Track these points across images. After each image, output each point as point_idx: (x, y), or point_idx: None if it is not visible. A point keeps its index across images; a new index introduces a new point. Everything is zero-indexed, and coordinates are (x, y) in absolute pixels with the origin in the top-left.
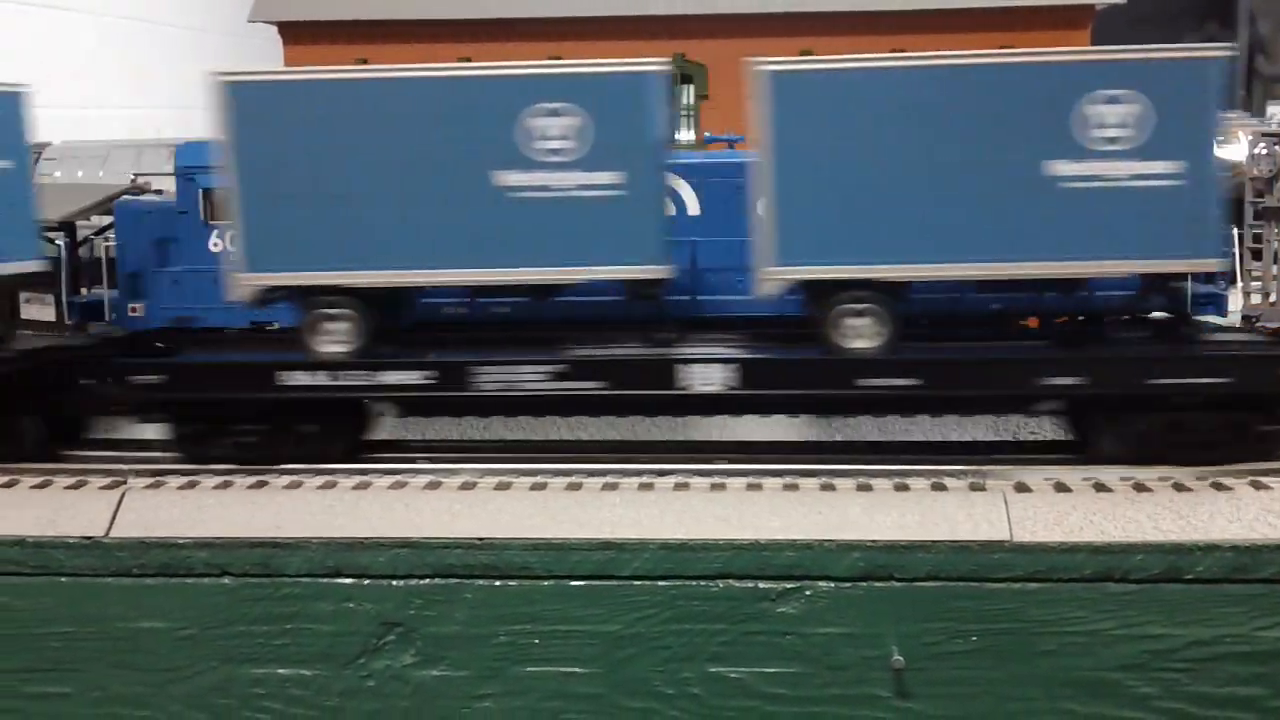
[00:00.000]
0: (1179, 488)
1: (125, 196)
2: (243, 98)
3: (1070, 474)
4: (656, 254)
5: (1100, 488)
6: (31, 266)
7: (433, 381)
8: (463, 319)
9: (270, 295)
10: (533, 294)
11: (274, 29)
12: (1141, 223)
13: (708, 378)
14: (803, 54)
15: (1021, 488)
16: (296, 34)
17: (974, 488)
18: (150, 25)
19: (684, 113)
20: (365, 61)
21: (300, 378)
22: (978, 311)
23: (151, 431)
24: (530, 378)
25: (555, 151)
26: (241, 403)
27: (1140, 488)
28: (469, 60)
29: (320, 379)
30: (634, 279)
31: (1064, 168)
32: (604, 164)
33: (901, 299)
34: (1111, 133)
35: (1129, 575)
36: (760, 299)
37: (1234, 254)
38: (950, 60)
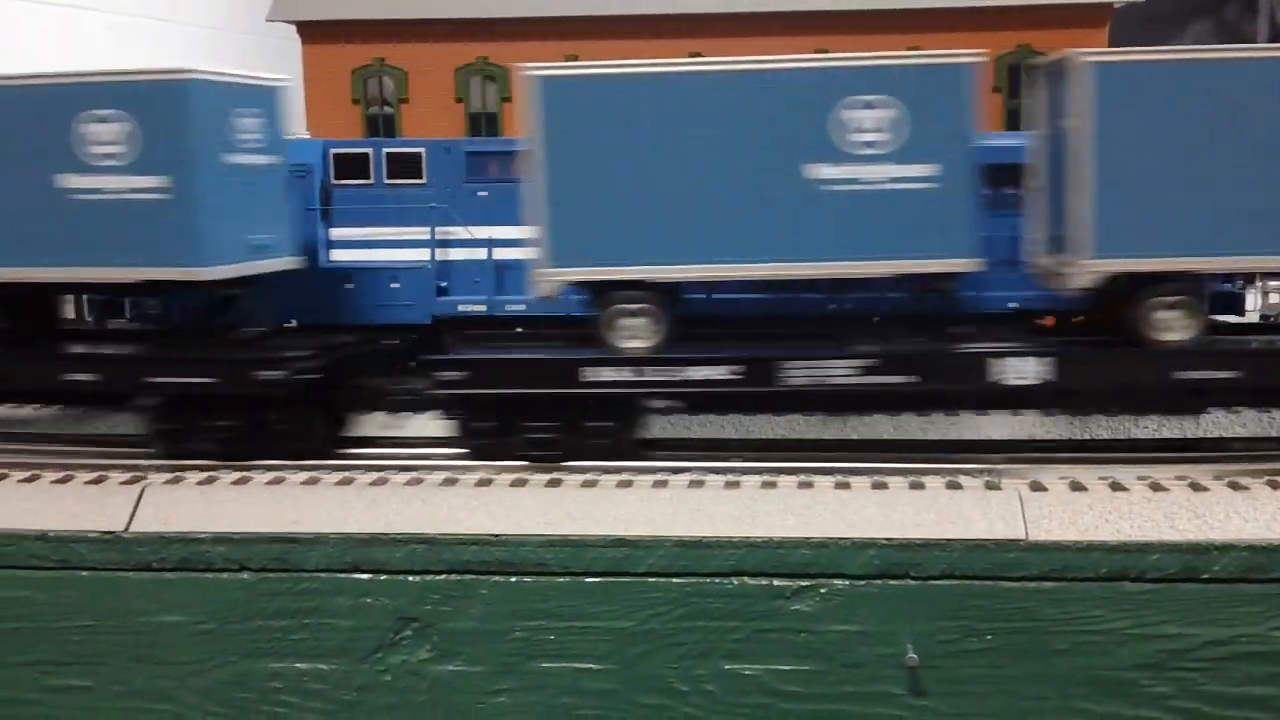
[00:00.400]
0: (1195, 487)
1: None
2: (552, 93)
3: (1086, 473)
4: (967, 247)
5: (1116, 487)
6: (294, 263)
7: (738, 377)
8: (738, 315)
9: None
10: (833, 289)
11: (292, 28)
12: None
13: (1022, 371)
14: (818, 52)
15: (1037, 487)
16: (315, 33)
17: (989, 487)
18: (168, 24)
19: None
20: (383, 60)
21: (605, 373)
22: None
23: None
24: (840, 372)
25: (869, 144)
26: (538, 399)
27: (1156, 487)
28: (485, 59)
29: (625, 374)
30: (942, 273)
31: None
32: (919, 156)
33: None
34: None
35: (1145, 575)
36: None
37: None
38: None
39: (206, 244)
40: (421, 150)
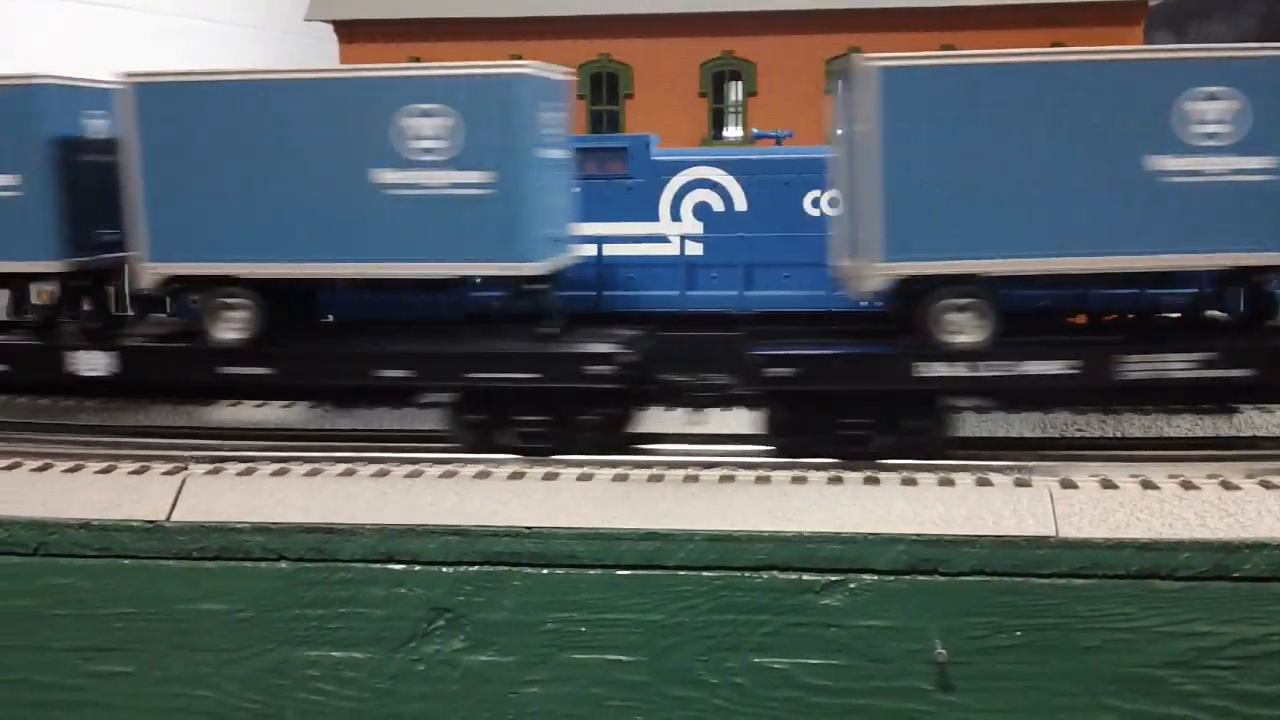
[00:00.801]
0: (1227, 486)
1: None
2: (892, 84)
3: (1117, 471)
4: None
5: (1147, 485)
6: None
7: (1076, 371)
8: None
9: None
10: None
11: (329, 27)
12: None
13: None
14: (852, 51)
15: (1067, 484)
16: (352, 32)
17: (1019, 484)
18: (205, 23)
19: (731, 109)
20: (418, 60)
21: (938, 369)
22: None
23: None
24: (1179, 366)
25: (1211, 135)
26: (853, 396)
27: (1188, 485)
28: (519, 58)
29: (958, 370)
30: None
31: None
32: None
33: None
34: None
35: (1175, 572)
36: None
37: None
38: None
39: (530, 238)
40: None
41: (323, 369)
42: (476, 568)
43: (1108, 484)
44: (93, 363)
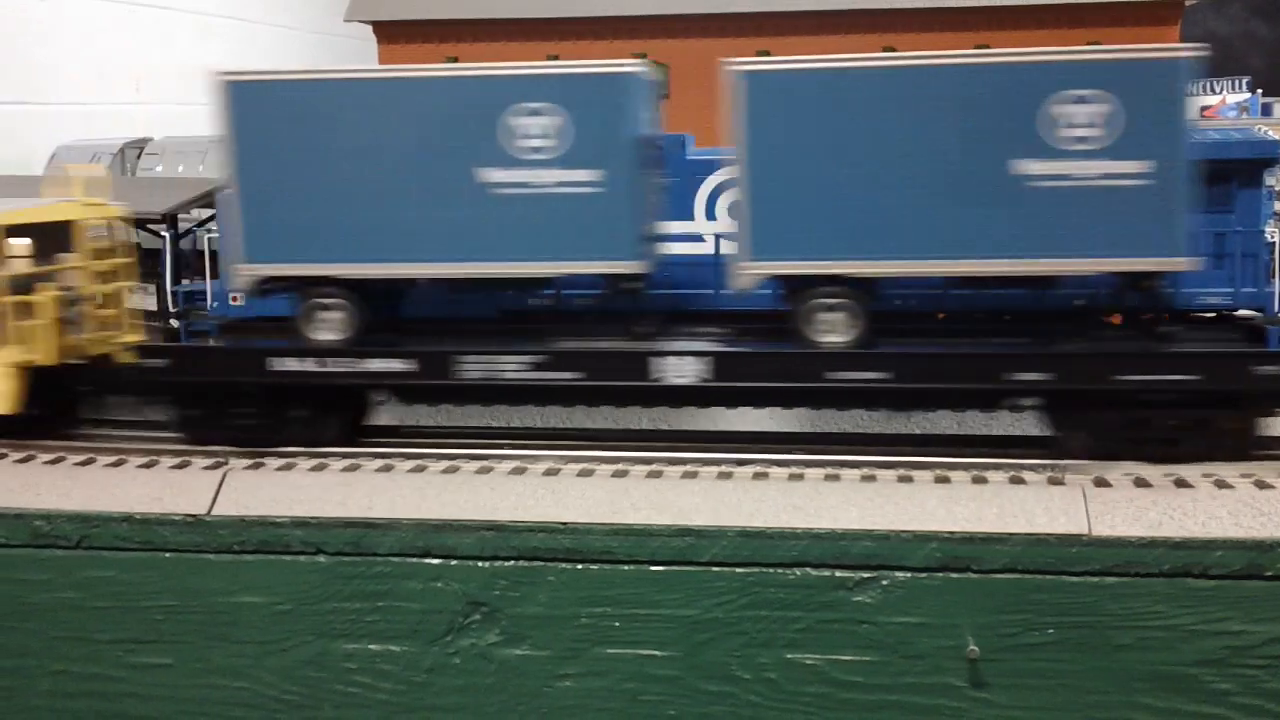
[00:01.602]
0: (1261, 485)
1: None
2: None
3: (1150, 470)
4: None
5: (1181, 484)
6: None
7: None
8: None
9: None
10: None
11: (367, 28)
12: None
13: None
14: (885, 49)
15: (1100, 483)
16: (390, 33)
17: (1052, 482)
18: (246, 24)
19: None
20: (455, 60)
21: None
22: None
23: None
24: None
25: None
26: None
27: (1221, 484)
28: (555, 58)
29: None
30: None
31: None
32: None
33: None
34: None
35: (1209, 571)
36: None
37: None
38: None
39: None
40: None
41: (944, 372)
42: (512, 563)
43: (1141, 482)
44: (681, 369)
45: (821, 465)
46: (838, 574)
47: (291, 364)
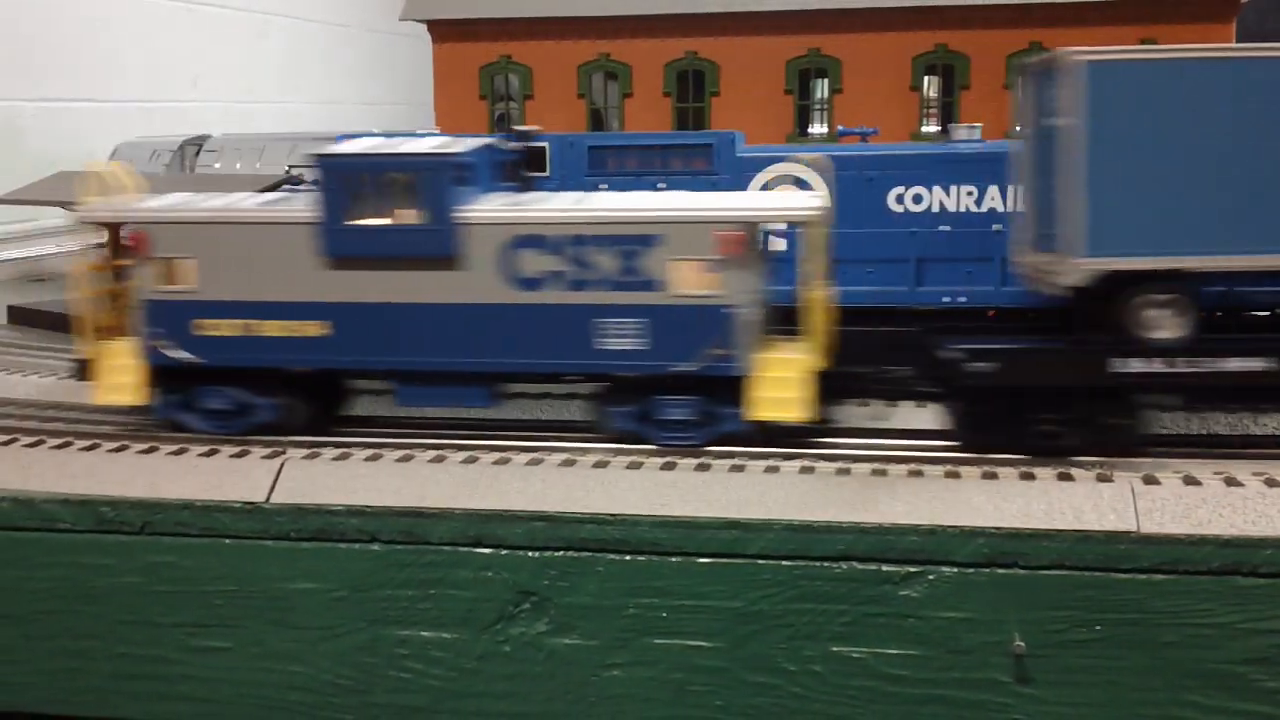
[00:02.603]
0: None
1: (285, 187)
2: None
3: (1200, 468)
4: None
5: (1231, 482)
6: None
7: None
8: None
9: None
10: None
11: (419, 27)
12: None
13: None
14: (938, 48)
15: (1150, 480)
16: (445, 31)
17: (1101, 479)
18: (300, 22)
19: (817, 106)
20: (509, 58)
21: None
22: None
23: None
24: None
25: None
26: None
27: (1272, 483)
28: (607, 56)
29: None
30: None
31: None
32: None
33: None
34: None
35: (1257, 569)
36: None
37: None
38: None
39: None
40: (546, 145)
41: None
42: (561, 553)
43: (1190, 480)
44: None
45: (868, 460)
46: (884, 568)
47: (1136, 365)
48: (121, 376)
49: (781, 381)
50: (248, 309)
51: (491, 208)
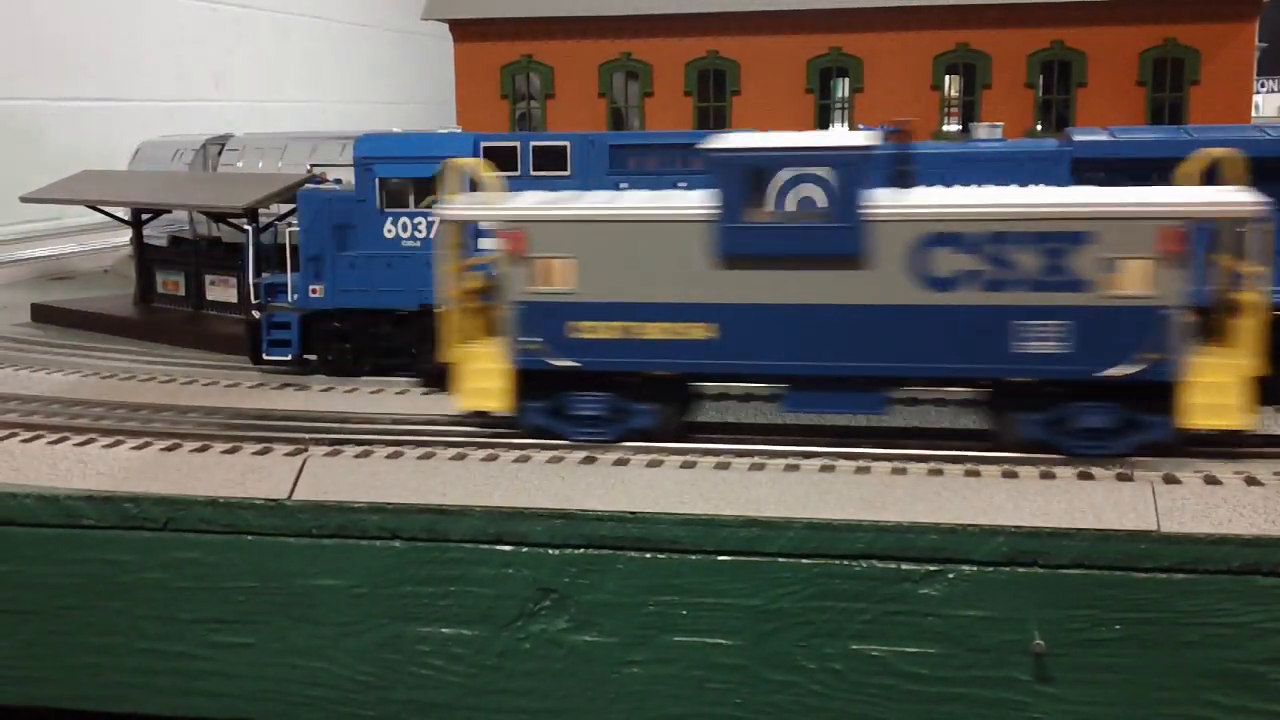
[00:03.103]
0: None
1: (307, 185)
2: None
3: (1221, 467)
4: None
5: (1252, 482)
6: None
7: None
8: None
9: None
10: None
11: (441, 26)
12: None
13: None
14: (959, 47)
15: (1170, 480)
16: (466, 31)
17: (1121, 478)
18: (322, 22)
19: (838, 105)
20: (531, 57)
21: None
22: None
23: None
24: None
25: None
26: None
27: None
28: (628, 55)
29: None
30: None
31: None
32: None
33: None
34: None
35: (1278, 569)
36: None
37: None
38: None
39: None
40: (567, 144)
41: None
42: (581, 550)
43: (1211, 480)
44: None
45: (888, 459)
46: (904, 566)
47: None
48: (486, 381)
49: (1219, 387)
50: (629, 310)
51: (901, 203)
